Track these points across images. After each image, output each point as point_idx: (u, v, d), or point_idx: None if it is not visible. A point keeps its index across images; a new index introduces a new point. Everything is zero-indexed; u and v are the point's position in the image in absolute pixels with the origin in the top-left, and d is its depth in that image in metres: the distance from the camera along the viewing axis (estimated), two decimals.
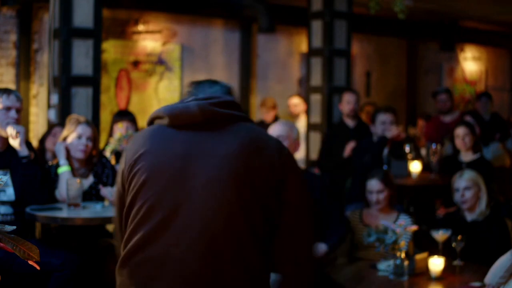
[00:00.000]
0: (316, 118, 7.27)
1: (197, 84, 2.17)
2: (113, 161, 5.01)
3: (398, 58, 10.73)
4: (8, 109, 3.85)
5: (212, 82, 2.18)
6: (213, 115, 1.97)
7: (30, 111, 7.44)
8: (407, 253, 3.50)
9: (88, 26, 5.83)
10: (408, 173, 5.82)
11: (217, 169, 1.90)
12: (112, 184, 4.29)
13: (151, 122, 2.08)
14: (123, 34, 7.93)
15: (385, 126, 5.76)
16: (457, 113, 7.17)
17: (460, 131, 5.59)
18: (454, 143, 5.74)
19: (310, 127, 7.34)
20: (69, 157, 4.27)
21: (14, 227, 1.53)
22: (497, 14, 9.76)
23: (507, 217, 4.40)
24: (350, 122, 6.41)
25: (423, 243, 4.12)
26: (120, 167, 2.05)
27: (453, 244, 3.70)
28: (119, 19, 7.88)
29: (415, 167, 5.83)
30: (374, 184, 4.31)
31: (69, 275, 3.67)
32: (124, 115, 6.00)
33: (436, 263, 3.47)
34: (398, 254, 3.44)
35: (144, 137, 2.01)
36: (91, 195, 4.25)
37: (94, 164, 4.32)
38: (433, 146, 6.10)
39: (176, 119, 1.97)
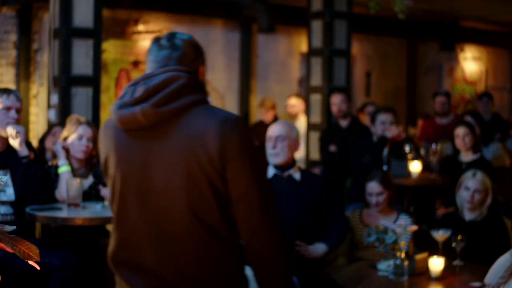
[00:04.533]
0: (316, 118, 7.27)
1: (148, 52, 2.13)
2: None
3: (398, 58, 10.74)
4: (8, 109, 3.85)
5: (160, 46, 2.09)
6: (158, 118, 1.98)
7: (30, 111, 7.44)
8: (407, 253, 3.50)
9: (88, 26, 5.84)
10: (408, 173, 5.82)
11: (165, 176, 1.98)
12: None
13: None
14: (123, 34, 7.93)
15: (385, 126, 5.77)
16: (452, 116, 7.21)
17: (460, 131, 5.59)
18: (454, 143, 5.75)
19: (310, 127, 7.34)
20: (69, 157, 4.28)
21: (14, 227, 1.53)
22: (497, 14, 9.76)
23: (506, 216, 4.39)
24: (342, 122, 6.48)
25: (423, 243, 4.12)
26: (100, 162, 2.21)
27: (453, 244, 3.70)
28: (119, 19, 7.88)
29: (415, 167, 5.83)
30: (373, 187, 4.31)
31: (69, 275, 3.67)
32: None
33: (436, 263, 3.47)
34: (398, 254, 3.44)
35: (106, 138, 2.10)
36: (91, 195, 4.25)
37: (94, 164, 4.32)
38: (433, 146, 6.11)
39: (125, 125, 2.02)
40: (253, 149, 2.02)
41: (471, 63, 11.71)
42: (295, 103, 7.86)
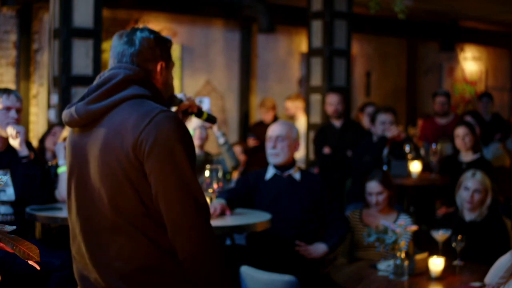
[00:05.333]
0: (316, 118, 7.27)
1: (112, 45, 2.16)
2: None
3: (398, 58, 10.73)
4: (8, 109, 3.85)
5: (119, 42, 2.13)
6: (90, 116, 2.02)
7: (30, 111, 7.44)
8: (407, 253, 3.50)
9: (88, 26, 5.84)
10: (408, 173, 5.82)
11: (94, 172, 2.01)
12: None
13: None
14: None
15: (385, 126, 5.77)
16: (452, 116, 7.22)
17: (460, 131, 5.59)
18: (454, 143, 5.75)
19: (310, 127, 7.34)
20: None
21: (14, 227, 1.53)
22: (497, 14, 9.76)
23: (506, 216, 4.39)
24: (336, 123, 6.48)
25: (423, 243, 4.11)
26: None
27: (453, 244, 3.70)
28: (119, 19, 7.88)
29: (415, 167, 5.83)
30: (373, 186, 4.31)
31: (69, 275, 3.67)
32: None
33: (436, 263, 3.47)
34: (398, 254, 3.44)
35: (67, 141, 2.20)
36: None
37: None
38: (433, 146, 6.11)
39: (68, 124, 2.10)
40: (174, 144, 1.94)
41: (471, 63, 11.71)
42: (290, 106, 7.87)
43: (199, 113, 2.44)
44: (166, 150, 1.93)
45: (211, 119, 2.51)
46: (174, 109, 2.36)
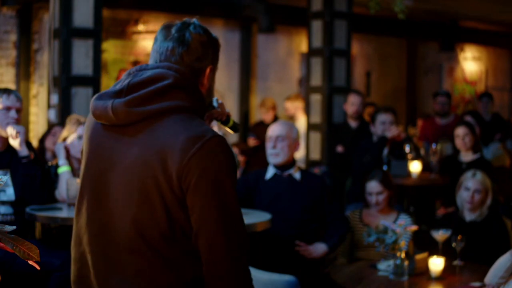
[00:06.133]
0: (316, 118, 7.27)
1: (156, 41, 1.91)
2: None
3: (398, 58, 10.73)
4: (8, 109, 3.85)
5: (167, 35, 1.88)
6: (128, 118, 1.78)
7: (30, 111, 7.45)
8: (407, 253, 3.50)
9: (88, 26, 5.83)
10: (408, 173, 5.82)
11: (121, 183, 1.79)
12: None
13: None
14: (123, 34, 7.93)
15: (385, 126, 5.77)
16: (452, 116, 7.22)
17: (460, 131, 5.59)
18: (454, 143, 5.75)
19: (310, 127, 7.34)
20: (69, 157, 4.28)
21: (14, 227, 1.53)
22: (497, 14, 9.76)
23: (506, 216, 4.40)
24: (352, 123, 6.49)
25: (423, 243, 4.12)
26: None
27: (453, 244, 3.70)
28: (119, 19, 7.88)
29: (415, 167, 5.84)
30: (373, 186, 4.31)
31: (69, 275, 3.67)
32: None
33: (436, 263, 3.47)
34: (398, 254, 3.44)
35: (86, 127, 1.94)
36: None
37: None
38: (433, 146, 6.11)
39: (98, 118, 1.84)
40: (224, 178, 1.75)
41: (471, 63, 11.71)
42: (289, 106, 7.87)
43: (226, 121, 2.28)
44: (215, 185, 1.74)
45: (235, 128, 2.34)
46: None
